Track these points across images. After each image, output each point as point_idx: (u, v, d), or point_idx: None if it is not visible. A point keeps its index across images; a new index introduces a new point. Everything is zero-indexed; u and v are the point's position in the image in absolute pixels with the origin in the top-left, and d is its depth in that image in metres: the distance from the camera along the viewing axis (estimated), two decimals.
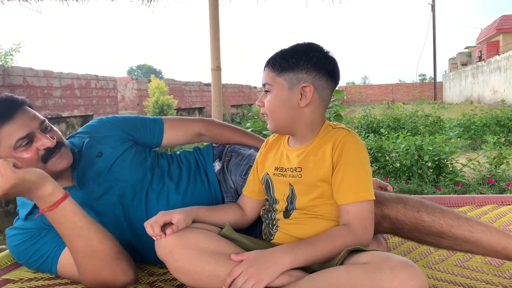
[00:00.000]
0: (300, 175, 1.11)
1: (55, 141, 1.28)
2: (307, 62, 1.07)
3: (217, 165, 1.54)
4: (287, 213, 1.14)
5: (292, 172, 1.13)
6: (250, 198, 1.26)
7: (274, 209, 1.18)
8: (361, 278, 0.87)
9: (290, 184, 1.13)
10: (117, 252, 1.19)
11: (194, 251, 1.05)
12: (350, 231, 1.03)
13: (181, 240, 1.06)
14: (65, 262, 1.22)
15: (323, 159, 1.09)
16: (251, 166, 1.38)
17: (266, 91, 1.12)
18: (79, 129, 1.54)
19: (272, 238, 1.16)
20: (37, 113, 1.30)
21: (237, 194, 1.46)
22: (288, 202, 1.14)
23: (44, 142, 1.25)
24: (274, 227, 1.16)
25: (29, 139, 1.24)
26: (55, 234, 1.21)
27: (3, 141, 1.22)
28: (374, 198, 1.06)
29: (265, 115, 1.14)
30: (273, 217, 1.17)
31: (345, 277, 0.90)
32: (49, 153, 1.27)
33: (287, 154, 1.16)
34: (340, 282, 0.90)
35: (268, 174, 1.19)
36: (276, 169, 1.17)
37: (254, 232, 1.39)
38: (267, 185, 1.20)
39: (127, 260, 1.21)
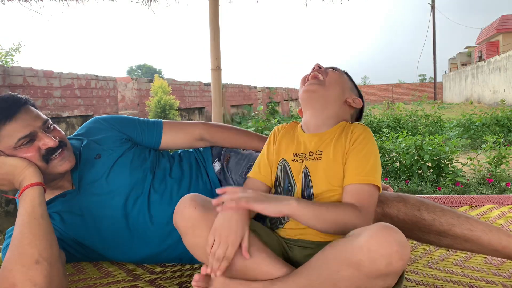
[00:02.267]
0: (320, 158, 1.13)
1: (57, 140, 1.27)
2: (357, 87, 1.32)
3: (216, 165, 1.53)
4: None
5: (312, 155, 1.14)
6: (263, 183, 1.22)
7: (292, 195, 1.14)
8: (343, 245, 0.92)
9: (305, 166, 1.14)
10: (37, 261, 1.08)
11: None
12: (355, 209, 1.03)
13: (206, 217, 1.03)
14: None
15: (343, 144, 1.12)
16: (251, 165, 1.36)
17: (333, 69, 1.27)
18: (76, 131, 1.52)
19: (281, 226, 1.14)
20: (40, 113, 1.30)
21: None
22: (304, 187, 1.12)
23: (46, 141, 1.24)
24: (286, 217, 1.13)
25: (30, 138, 1.23)
26: None
27: (4, 140, 1.21)
28: (378, 184, 1.07)
29: (319, 75, 1.23)
30: None
31: (329, 248, 0.95)
32: (51, 152, 1.26)
33: (305, 140, 1.19)
34: (325, 254, 0.95)
35: (286, 160, 1.18)
36: (295, 155, 1.17)
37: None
38: (285, 171, 1.18)
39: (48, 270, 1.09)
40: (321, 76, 1.22)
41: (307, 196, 1.12)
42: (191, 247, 1.07)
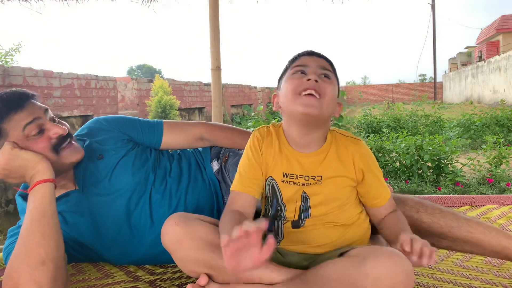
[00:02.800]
0: (320, 182, 1.09)
1: (66, 128, 1.30)
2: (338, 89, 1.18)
3: (215, 165, 1.53)
4: (297, 223, 1.10)
5: (309, 180, 1.09)
6: (252, 197, 1.12)
7: (283, 217, 1.12)
8: (348, 268, 0.90)
9: (304, 191, 1.09)
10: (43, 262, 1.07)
11: (202, 242, 1.05)
12: (399, 212, 1.17)
13: (189, 231, 1.06)
14: None
15: (347, 168, 1.10)
16: None
17: (326, 76, 1.08)
18: (77, 131, 1.52)
19: (278, 244, 1.14)
20: (41, 104, 1.32)
21: None
22: (302, 210, 1.10)
23: (56, 130, 1.26)
24: (280, 235, 1.13)
25: (38, 127, 1.25)
26: None
27: (12, 131, 1.23)
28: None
29: (313, 92, 1.03)
30: (279, 225, 1.13)
31: (333, 268, 0.93)
32: (61, 141, 1.28)
33: (297, 159, 1.11)
34: (327, 273, 0.93)
35: (274, 180, 1.12)
36: (285, 175, 1.10)
37: None
38: (273, 191, 1.12)
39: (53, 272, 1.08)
40: (317, 95, 1.05)
41: (303, 217, 1.11)
42: (181, 262, 1.09)
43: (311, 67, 1.08)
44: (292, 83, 1.07)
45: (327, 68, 1.11)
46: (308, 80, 1.05)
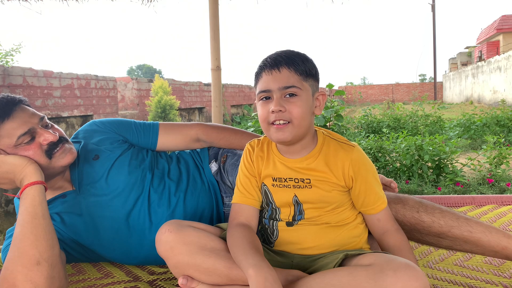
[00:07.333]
0: (309, 186, 1.09)
1: (57, 135, 1.29)
2: (317, 71, 1.09)
3: (213, 166, 1.53)
4: (291, 223, 1.12)
5: (298, 182, 1.10)
6: (255, 208, 1.17)
7: (278, 218, 1.14)
8: (364, 279, 0.88)
9: (295, 194, 1.11)
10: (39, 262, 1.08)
11: (194, 246, 1.06)
12: (402, 232, 1.13)
13: (181, 237, 1.07)
14: None
15: (336, 175, 1.08)
16: None
17: (291, 95, 1.02)
18: (73, 135, 1.52)
19: (272, 246, 1.16)
20: (35, 111, 1.31)
21: None
22: (296, 213, 1.12)
23: (47, 136, 1.25)
24: (274, 234, 1.15)
25: (31, 135, 1.24)
26: None
27: (3, 139, 1.22)
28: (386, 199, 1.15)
29: (281, 122, 1.03)
30: (274, 225, 1.15)
31: (347, 278, 0.91)
32: (53, 147, 1.27)
33: (285, 165, 1.12)
34: (342, 283, 0.91)
35: (266, 185, 1.15)
36: (274, 179, 1.13)
37: None
38: (266, 196, 1.16)
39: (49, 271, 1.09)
40: (294, 119, 1.07)
41: (297, 219, 1.12)
42: (174, 267, 1.09)
43: (274, 91, 1.03)
44: (261, 112, 1.06)
45: (290, 83, 1.02)
46: (273, 111, 1.02)
